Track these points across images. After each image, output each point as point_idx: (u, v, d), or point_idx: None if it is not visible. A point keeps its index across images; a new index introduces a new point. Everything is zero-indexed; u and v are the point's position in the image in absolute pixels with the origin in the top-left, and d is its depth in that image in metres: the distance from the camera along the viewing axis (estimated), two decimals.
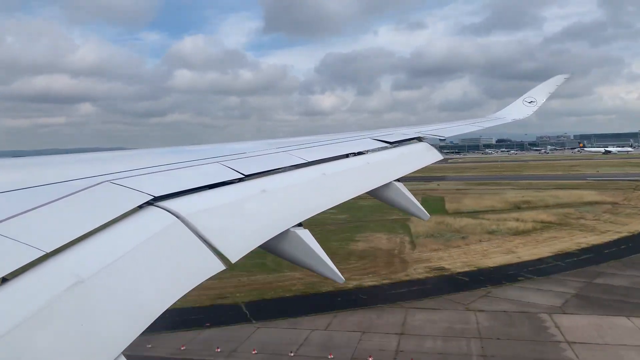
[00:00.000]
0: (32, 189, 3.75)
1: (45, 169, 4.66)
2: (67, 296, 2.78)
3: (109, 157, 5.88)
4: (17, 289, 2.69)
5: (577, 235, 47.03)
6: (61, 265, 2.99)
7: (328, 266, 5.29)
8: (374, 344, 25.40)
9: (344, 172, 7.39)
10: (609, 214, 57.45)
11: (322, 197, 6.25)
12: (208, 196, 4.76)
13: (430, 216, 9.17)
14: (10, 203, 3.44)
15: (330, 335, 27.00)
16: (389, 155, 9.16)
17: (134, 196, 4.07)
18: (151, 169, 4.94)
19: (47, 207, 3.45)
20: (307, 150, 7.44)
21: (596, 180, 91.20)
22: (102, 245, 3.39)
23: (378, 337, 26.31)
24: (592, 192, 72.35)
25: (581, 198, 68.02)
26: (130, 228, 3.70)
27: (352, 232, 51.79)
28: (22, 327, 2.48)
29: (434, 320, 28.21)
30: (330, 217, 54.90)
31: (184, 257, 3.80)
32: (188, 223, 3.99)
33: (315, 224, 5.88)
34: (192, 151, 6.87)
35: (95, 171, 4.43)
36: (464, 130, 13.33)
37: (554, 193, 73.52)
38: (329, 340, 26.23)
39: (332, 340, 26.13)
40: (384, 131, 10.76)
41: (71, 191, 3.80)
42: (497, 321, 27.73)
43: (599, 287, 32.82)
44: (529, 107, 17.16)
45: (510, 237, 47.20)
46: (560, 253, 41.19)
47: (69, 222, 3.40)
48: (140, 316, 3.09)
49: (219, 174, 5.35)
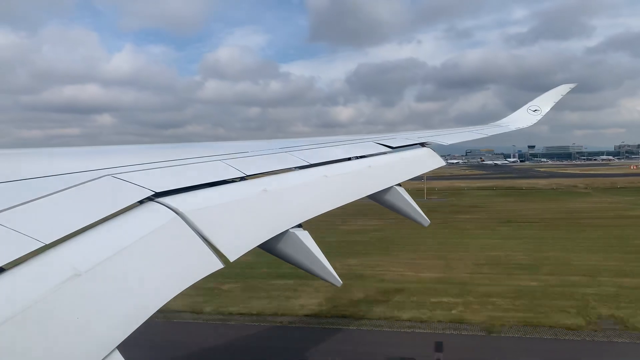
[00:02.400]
0: (33, 180, 3.75)
1: (47, 161, 4.67)
2: (63, 289, 2.78)
3: (112, 151, 5.88)
4: (14, 280, 2.69)
5: None
6: (59, 258, 2.99)
7: (326, 269, 5.29)
8: None
9: (346, 174, 7.38)
10: None
11: (323, 199, 6.25)
12: (209, 194, 4.76)
13: (430, 222, 9.15)
14: (10, 194, 3.44)
15: None
16: (391, 160, 9.15)
17: (135, 191, 4.07)
18: (153, 164, 4.94)
19: (48, 199, 3.45)
20: (309, 152, 7.44)
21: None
22: (100, 239, 3.39)
23: None
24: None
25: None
26: (130, 223, 3.70)
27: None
28: (17, 318, 2.48)
29: None
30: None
31: (182, 254, 3.80)
32: (188, 220, 3.99)
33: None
34: (194, 148, 6.87)
35: (98, 164, 4.43)
36: (466, 137, 13.31)
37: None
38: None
39: None
40: (386, 135, 10.75)
41: (72, 184, 3.80)
42: None
43: None
44: (533, 116, 17.13)
45: None
46: None
47: (68, 215, 3.40)
48: (136, 312, 3.09)
49: (221, 172, 5.35)
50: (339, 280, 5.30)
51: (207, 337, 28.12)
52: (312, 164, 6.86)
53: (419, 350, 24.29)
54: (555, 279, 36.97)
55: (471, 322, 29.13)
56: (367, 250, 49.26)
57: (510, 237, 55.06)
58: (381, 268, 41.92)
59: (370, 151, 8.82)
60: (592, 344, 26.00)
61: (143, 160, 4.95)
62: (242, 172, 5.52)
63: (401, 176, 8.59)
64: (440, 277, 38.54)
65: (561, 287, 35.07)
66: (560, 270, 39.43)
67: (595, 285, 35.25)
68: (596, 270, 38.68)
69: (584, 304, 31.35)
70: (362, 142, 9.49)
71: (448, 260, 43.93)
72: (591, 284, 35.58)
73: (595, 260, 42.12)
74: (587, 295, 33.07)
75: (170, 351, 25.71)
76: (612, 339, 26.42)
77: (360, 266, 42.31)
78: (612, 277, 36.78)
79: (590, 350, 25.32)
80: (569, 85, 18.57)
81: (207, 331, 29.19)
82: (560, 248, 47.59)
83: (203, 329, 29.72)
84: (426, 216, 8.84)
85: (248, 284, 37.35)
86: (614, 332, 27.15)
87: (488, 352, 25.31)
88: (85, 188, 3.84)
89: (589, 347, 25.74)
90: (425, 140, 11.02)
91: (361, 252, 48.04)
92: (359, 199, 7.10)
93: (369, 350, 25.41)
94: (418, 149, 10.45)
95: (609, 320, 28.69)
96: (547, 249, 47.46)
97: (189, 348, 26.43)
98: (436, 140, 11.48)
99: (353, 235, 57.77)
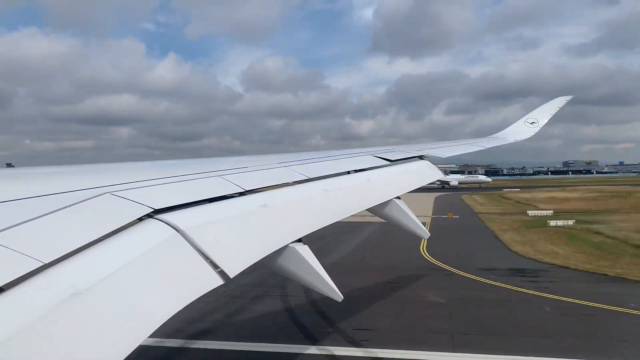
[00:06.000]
0: (32, 199, 3.76)
1: (45, 180, 4.68)
2: (63, 307, 2.77)
3: (111, 169, 5.90)
4: (14, 299, 2.68)
5: None
6: (59, 276, 2.98)
7: (327, 283, 5.26)
8: None
9: (345, 188, 7.40)
10: None
11: (323, 214, 6.25)
12: (208, 210, 4.77)
13: (430, 234, 9.15)
14: (9, 213, 3.44)
15: None
16: (390, 173, 9.17)
17: (134, 208, 4.07)
18: (152, 181, 4.96)
19: (47, 218, 3.45)
20: (308, 166, 7.46)
21: None
22: (100, 256, 3.38)
23: None
24: None
25: None
26: (129, 240, 3.69)
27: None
28: (18, 337, 2.47)
29: None
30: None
31: (182, 270, 3.79)
32: (187, 236, 3.99)
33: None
34: (193, 164, 6.89)
35: (97, 182, 4.44)
36: (464, 150, 13.39)
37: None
38: None
39: None
40: (385, 148, 10.80)
41: (72, 202, 3.81)
42: None
43: None
44: (530, 128, 17.25)
45: None
46: None
47: (68, 233, 3.40)
48: (137, 329, 3.08)
49: (220, 188, 5.36)
50: (340, 295, 5.27)
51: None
52: (311, 178, 6.88)
53: None
54: None
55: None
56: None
57: None
58: None
59: (369, 164, 8.86)
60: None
61: (142, 178, 4.97)
62: (242, 188, 5.53)
63: (400, 189, 8.61)
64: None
65: None
66: None
67: None
68: None
69: None
70: (360, 156, 9.53)
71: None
72: None
73: None
74: None
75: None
76: None
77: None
78: None
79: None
80: (566, 97, 18.75)
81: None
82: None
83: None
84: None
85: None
86: None
87: None
88: (85, 206, 3.84)
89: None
90: (423, 153, 11.08)
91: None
92: (359, 212, 7.11)
93: None
94: (416, 162, 10.50)
95: None
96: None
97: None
98: (434, 152, 11.53)
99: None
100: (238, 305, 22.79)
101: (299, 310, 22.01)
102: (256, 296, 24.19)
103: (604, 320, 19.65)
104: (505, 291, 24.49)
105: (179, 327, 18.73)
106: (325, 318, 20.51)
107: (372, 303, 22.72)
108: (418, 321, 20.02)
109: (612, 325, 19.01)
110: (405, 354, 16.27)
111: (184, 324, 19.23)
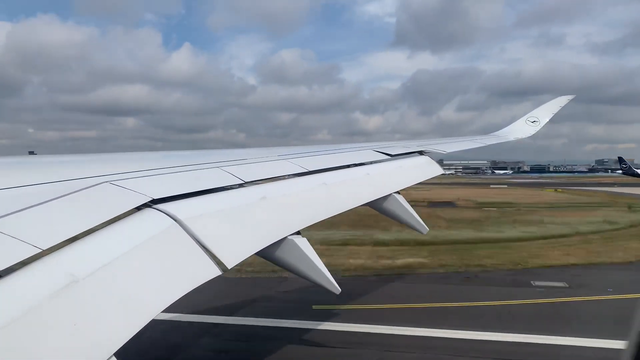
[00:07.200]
0: (31, 187, 3.75)
1: (44, 168, 4.67)
2: (61, 294, 2.77)
3: (110, 159, 5.88)
4: (11, 286, 2.67)
5: None
6: (56, 264, 2.97)
7: (325, 276, 5.26)
8: None
9: (345, 182, 7.39)
10: None
11: (322, 207, 6.24)
12: (207, 201, 4.75)
13: (428, 230, 9.14)
14: (8, 200, 3.43)
15: None
16: (390, 167, 9.16)
17: (133, 197, 4.06)
18: (151, 171, 4.94)
19: (45, 206, 3.44)
20: (308, 159, 7.44)
21: None
22: (98, 245, 3.38)
23: None
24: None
25: None
26: (128, 229, 3.69)
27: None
28: (15, 324, 2.46)
29: None
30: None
31: (180, 260, 3.78)
32: (185, 226, 3.98)
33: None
34: (193, 155, 6.88)
35: (95, 172, 4.42)
36: (465, 146, 13.38)
37: None
38: None
39: None
40: (386, 143, 10.78)
41: (70, 191, 3.80)
42: None
43: None
44: (531, 127, 17.23)
45: None
46: None
47: (66, 221, 3.39)
48: (134, 318, 3.07)
49: (219, 179, 5.35)
50: (337, 288, 5.27)
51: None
52: (311, 171, 6.86)
53: None
54: None
55: None
56: None
57: None
58: None
59: (369, 159, 8.84)
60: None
61: (141, 168, 4.95)
62: (241, 179, 5.52)
63: (400, 184, 8.60)
64: None
65: None
66: None
67: None
68: None
69: None
70: (361, 150, 9.51)
71: None
72: None
73: None
74: None
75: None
76: None
77: None
78: None
79: None
80: (568, 96, 18.72)
81: None
82: None
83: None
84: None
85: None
86: None
87: None
88: (83, 195, 3.83)
89: None
90: (424, 148, 11.05)
91: None
92: (358, 206, 7.10)
93: None
94: (417, 157, 10.47)
95: None
96: None
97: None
98: (435, 148, 11.51)
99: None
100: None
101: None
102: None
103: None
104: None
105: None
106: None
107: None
108: None
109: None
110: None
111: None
